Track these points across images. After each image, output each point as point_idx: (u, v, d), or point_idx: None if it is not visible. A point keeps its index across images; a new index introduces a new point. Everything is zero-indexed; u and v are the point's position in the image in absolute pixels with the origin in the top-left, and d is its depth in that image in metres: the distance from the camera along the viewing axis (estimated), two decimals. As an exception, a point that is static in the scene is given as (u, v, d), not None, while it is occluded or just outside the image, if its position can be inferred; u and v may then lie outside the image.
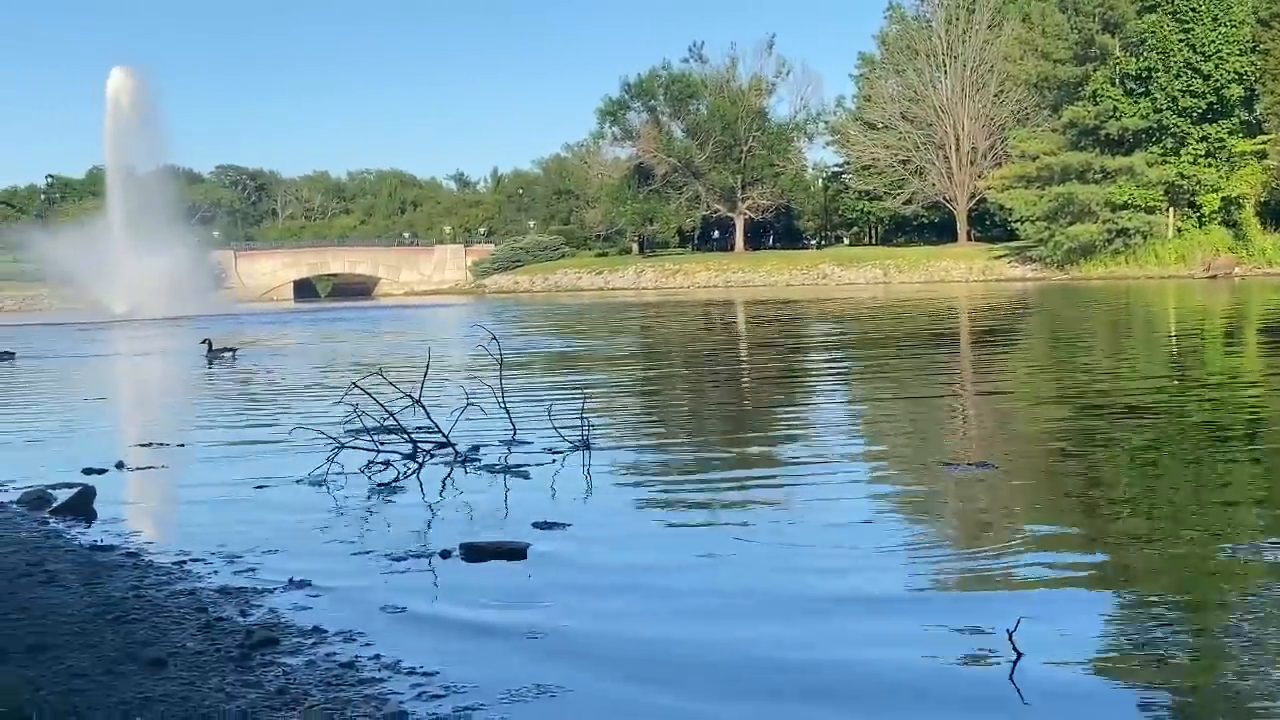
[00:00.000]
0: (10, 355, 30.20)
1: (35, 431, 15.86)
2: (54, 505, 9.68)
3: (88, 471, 11.24)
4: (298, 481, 10.56)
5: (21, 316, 74.50)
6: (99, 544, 8.35)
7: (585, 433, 11.93)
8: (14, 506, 9.81)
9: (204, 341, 28.39)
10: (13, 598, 6.78)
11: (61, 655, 5.70)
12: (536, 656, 5.73)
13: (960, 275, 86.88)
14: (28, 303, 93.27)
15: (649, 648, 5.88)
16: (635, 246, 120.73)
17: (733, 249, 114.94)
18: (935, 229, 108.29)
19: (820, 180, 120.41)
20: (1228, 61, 75.76)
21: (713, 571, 7.24)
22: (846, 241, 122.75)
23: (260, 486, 10.43)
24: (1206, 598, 6.42)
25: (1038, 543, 7.67)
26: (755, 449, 12.55)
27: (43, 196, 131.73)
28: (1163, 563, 7.13)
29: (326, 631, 6.14)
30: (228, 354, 27.82)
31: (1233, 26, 75.93)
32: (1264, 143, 75.44)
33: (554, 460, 11.38)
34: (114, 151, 77.83)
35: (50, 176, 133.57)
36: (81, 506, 9.52)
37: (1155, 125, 78.45)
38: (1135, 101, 78.95)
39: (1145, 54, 78.04)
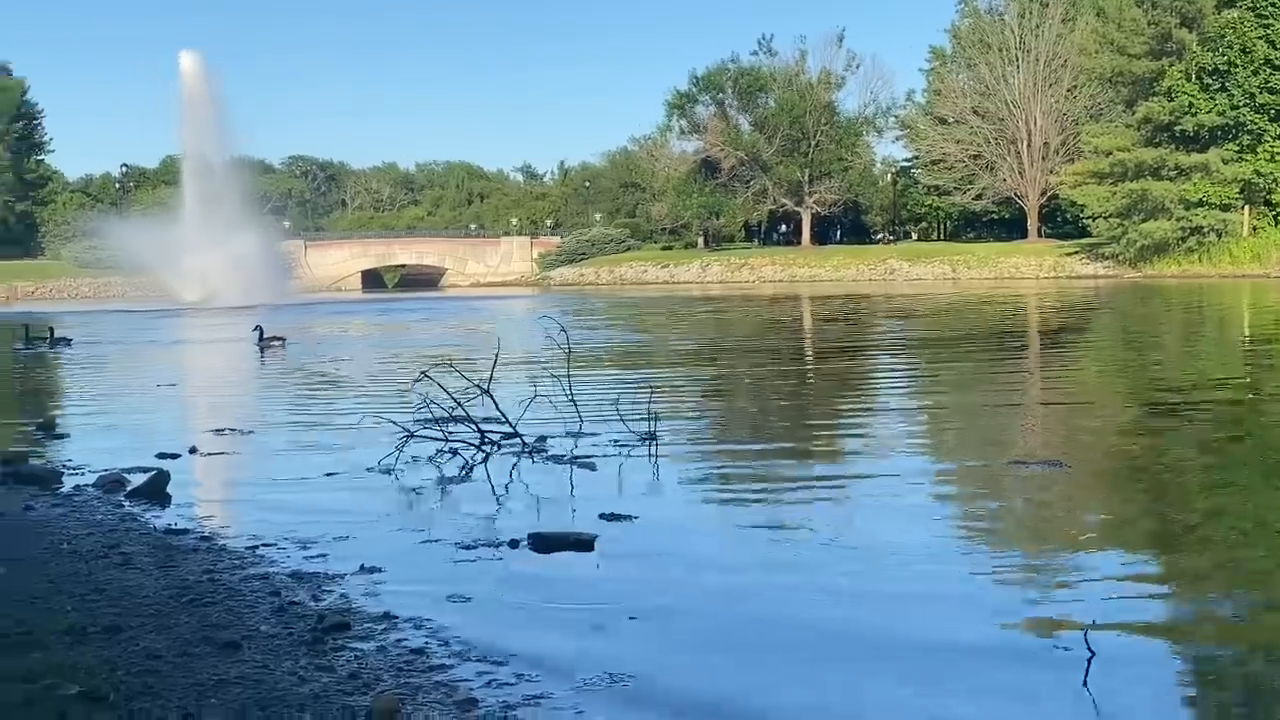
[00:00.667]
0: (67, 341, 30.68)
1: (110, 416, 16.15)
2: (129, 489, 9.84)
3: (161, 456, 11.41)
4: (368, 470, 10.65)
5: (96, 303, 75.69)
6: (173, 527, 8.47)
7: (651, 426, 11.92)
8: (90, 490, 9.98)
9: (255, 329, 28.71)
10: (90, 579, 6.90)
11: (137, 636, 5.78)
12: (605, 647, 5.74)
13: (1030, 272, 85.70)
14: (102, 289, 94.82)
15: (716, 644, 5.87)
16: (701, 240, 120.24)
17: (799, 243, 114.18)
18: (1004, 225, 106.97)
19: (889, 175, 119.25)
20: (1309, 58, 74.28)
21: (779, 574, 7.19)
22: (914, 237, 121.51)
23: (330, 474, 10.53)
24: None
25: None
26: (821, 443, 12.50)
27: (118, 185, 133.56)
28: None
29: (397, 618, 6.19)
30: (278, 343, 28.07)
31: (1314, 22, 74.42)
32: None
33: (620, 453, 11.39)
34: (186, 139, 78.97)
35: (125, 165, 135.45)
36: (156, 490, 9.65)
37: (1232, 122, 76.91)
38: (1212, 98, 77.47)
39: (1223, 49, 76.62)
